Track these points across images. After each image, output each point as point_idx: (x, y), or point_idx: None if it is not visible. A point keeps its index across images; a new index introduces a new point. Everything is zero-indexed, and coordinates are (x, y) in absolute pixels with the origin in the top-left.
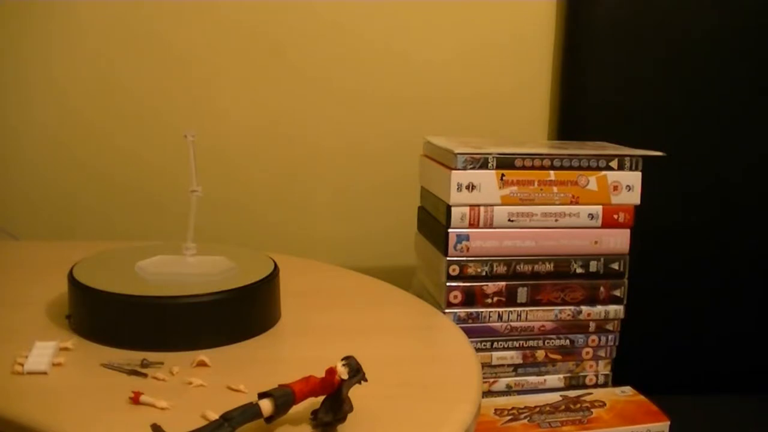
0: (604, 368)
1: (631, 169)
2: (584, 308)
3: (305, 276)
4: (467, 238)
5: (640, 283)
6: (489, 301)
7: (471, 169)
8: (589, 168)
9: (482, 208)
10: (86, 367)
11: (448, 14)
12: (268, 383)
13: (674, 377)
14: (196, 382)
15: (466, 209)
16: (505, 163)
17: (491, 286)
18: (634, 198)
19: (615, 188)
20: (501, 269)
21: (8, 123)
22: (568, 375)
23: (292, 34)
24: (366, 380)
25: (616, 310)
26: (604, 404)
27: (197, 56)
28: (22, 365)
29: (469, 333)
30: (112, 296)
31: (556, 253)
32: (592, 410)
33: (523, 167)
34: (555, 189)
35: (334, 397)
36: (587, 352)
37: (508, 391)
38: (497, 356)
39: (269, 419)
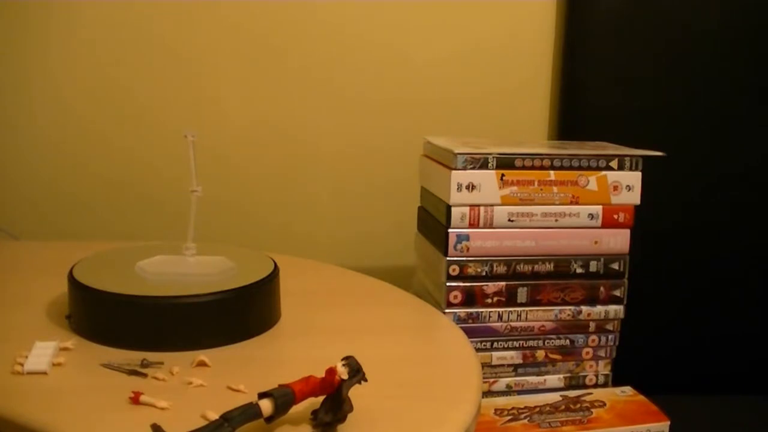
0: (604, 368)
1: (631, 169)
2: (584, 308)
3: (305, 276)
4: (467, 238)
5: (640, 283)
6: (489, 301)
7: (471, 169)
8: (589, 168)
9: (482, 208)
10: (86, 367)
11: (447, 14)
12: (268, 383)
13: (674, 377)
14: (196, 382)
15: (466, 209)
16: (505, 163)
17: (491, 286)
18: (634, 198)
19: (615, 188)
20: (501, 269)
21: (8, 123)
22: (568, 375)
23: (291, 34)
24: (366, 380)
25: (616, 310)
26: (604, 404)
27: (197, 56)
28: (22, 365)
29: (469, 333)
30: (112, 296)
31: (556, 253)
32: (592, 410)
33: (523, 167)
34: (555, 189)
35: (334, 397)
36: (587, 352)
37: (508, 391)
38: (497, 356)
39: (269, 419)
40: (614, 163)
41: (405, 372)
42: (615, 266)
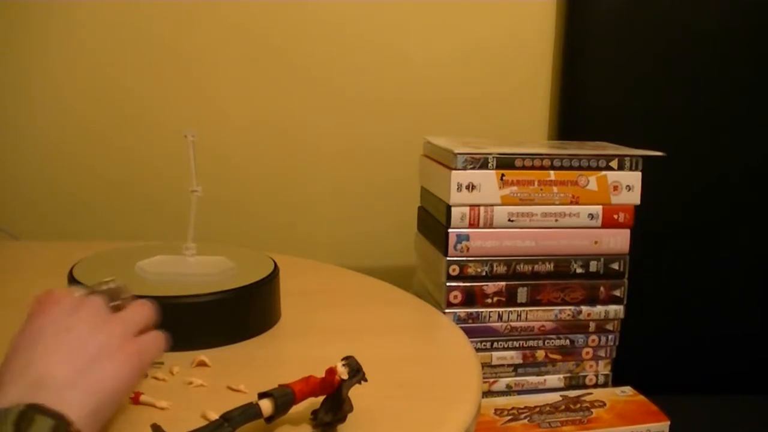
0: (604, 368)
1: (631, 169)
2: (584, 308)
3: (305, 276)
4: (467, 238)
5: (640, 283)
6: (489, 301)
7: (471, 169)
8: (589, 168)
9: (482, 208)
10: None
11: (448, 14)
12: (268, 383)
13: (674, 377)
14: (196, 382)
15: (466, 209)
16: (505, 163)
17: (491, 286)
18: (634, 198)
19: (615, 188)
20: (501, 269)
21: (8, 123)
22: (568, 375)
23: (292, 34)
24: (366, 380)
25: (616, 310)
26: (604, 404)
27: (197, 56)
28: None
29: (469, 333)
30: None
31: (556, 253)
32: (592, 410)
33: (523, 167)
34: (555, 189)
35: (334, 397)
36: (587, 352)
37: (508, 391)
38: (497, 356)
39: (269, 419)
40: (614, 163)
41: (405, 372)
42: (615, 266)
